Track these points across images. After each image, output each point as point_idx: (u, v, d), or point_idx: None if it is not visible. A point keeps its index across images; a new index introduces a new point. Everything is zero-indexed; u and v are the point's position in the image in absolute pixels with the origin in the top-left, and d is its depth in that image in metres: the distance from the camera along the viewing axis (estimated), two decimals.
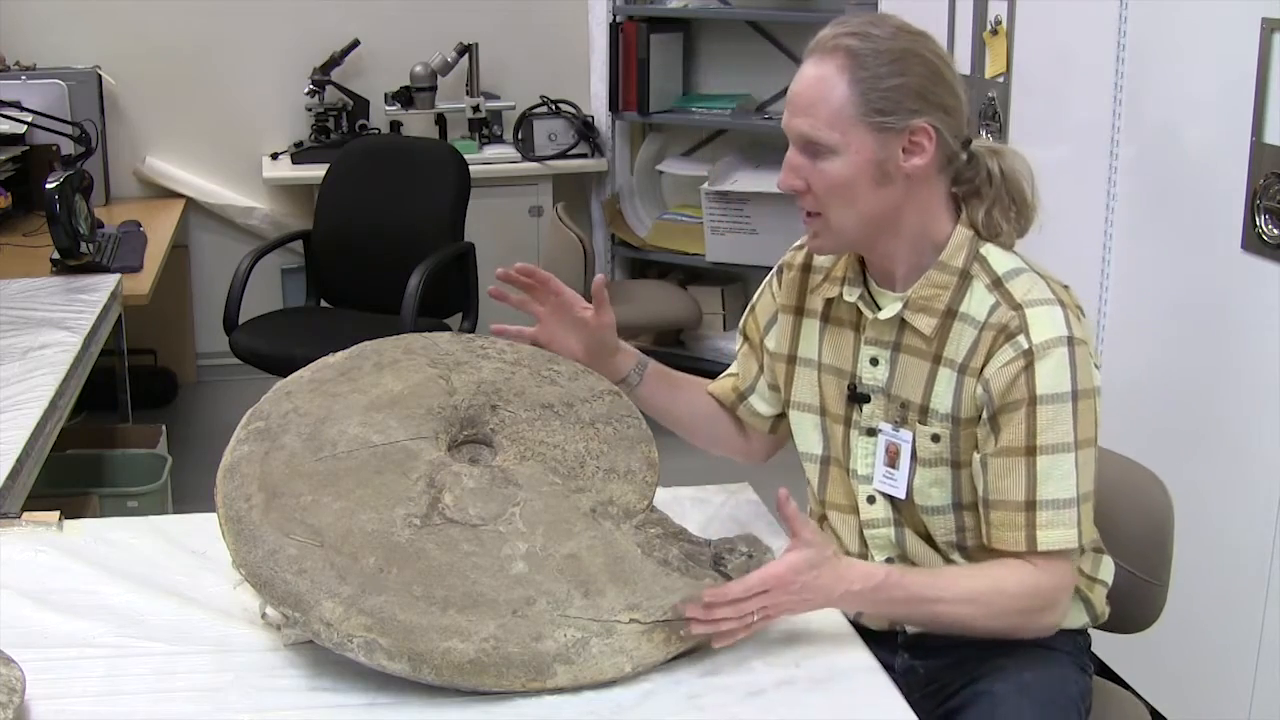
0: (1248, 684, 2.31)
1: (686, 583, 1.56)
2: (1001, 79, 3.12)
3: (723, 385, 1.96)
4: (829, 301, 1.77)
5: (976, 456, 1.64)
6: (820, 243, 1.69)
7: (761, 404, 1.91)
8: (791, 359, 1.82)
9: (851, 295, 1.73)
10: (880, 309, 1.70)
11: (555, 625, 1.49)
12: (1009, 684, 1.64)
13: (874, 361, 1.71)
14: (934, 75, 1.61)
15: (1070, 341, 1.59)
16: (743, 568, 1.60)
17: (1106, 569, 1.77)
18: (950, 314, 1.65)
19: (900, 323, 1.68)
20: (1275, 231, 2.23)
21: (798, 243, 1.84)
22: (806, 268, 1.81)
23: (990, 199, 1.66)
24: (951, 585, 1.63)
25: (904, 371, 1.69)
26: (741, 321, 1.94)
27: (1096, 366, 1.63)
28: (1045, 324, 1.59)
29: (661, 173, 5.11)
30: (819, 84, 1.59)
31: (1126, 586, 1.85)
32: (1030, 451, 1.59)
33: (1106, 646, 1.97)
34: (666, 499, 1.79)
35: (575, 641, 1.48)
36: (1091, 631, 1.83)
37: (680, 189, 5.09)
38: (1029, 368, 1.58)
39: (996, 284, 1.64)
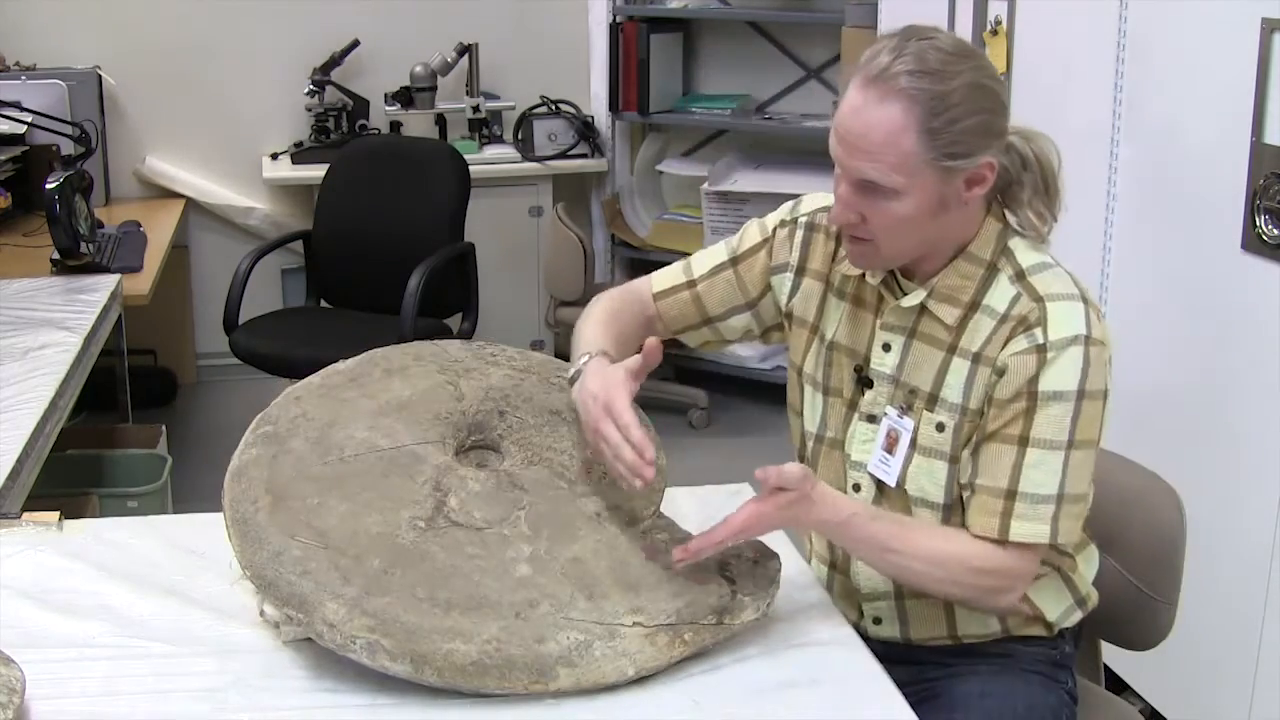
0: (1248, 686, 2.31)
1: (691, 587, 1.56)
2: (1001, 79, 3.11)
3: (683, 307, 1.84)
4: (852, 280, 1.73)
5: (974, 441, 1.63)
6: (865, 263, 1.65)
7: (730, 331, 1.87)
8: (815, 329, 1.78)
9: (875, 278, 1.70)
10: (905, 294, 1.68)
11: (558, 628, 1.49)
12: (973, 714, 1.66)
13: (886, 347, 1.69)
14: (996, 105, 1.58)
15: (1087, 340, 1.58)
16: (748, 574, 1.60)
17: (1090, 555, 1.77)
18: (974, 306, 1.64)
19: (920, 310, 1.66)
20: (1275, 231, 2.23)
21: (820, 205, 1.78)
22: (838, 237, 1.75)
23: (1029, 187, 1.64)
24: (916, 542, 1.62)
25: (916, 359, 1.67)
26: (738, 240, 1.85)
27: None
28: (1064, 321, 1.58)
29: (661, 173, 5.10)
30: (884, 128, 1.51)
31: (1135, 604, 1.84)
32: (1023, 441, 1.59)
33: (1107, 648, 1.97)
34: (666, 499, 1.78)
35: (578, 644, 1.48)
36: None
37: (680, 189, 5.08)
38: (1041, 363, 1.58)
39: (1020, 276, 1.63)
